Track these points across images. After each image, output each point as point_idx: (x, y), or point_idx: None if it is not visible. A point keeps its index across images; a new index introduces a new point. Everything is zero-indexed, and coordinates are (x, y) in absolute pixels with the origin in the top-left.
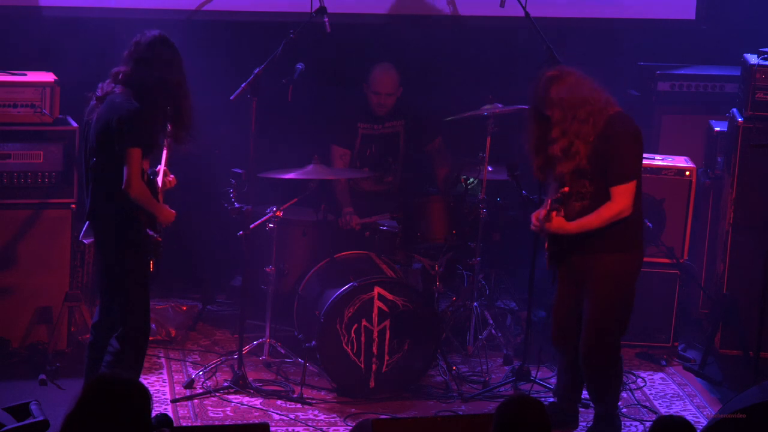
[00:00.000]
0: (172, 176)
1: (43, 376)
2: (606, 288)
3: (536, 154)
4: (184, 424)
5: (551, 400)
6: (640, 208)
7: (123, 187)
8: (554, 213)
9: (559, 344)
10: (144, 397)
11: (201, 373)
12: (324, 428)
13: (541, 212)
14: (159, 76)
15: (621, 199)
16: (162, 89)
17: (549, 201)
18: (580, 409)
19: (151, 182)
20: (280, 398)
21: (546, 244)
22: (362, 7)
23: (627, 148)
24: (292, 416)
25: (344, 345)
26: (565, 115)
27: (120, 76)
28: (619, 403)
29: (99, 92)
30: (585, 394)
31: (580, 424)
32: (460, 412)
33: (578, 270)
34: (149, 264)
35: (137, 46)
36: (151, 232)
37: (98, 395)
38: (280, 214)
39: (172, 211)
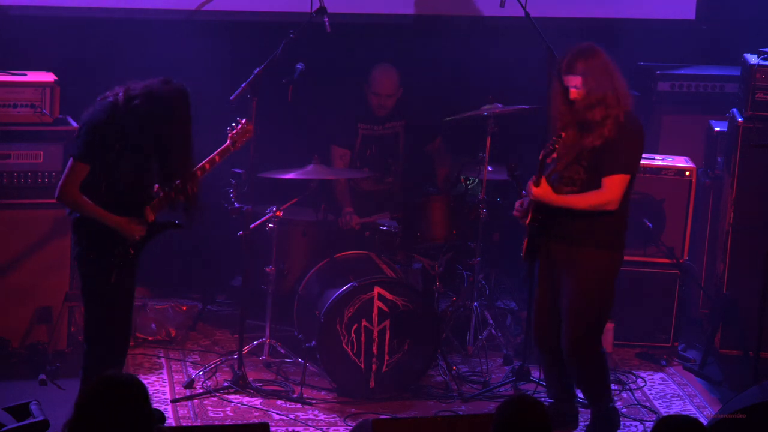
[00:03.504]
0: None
1: (43, 376)
2: (591, 283)
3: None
4: (184, 424)
5: (550, 400)
6: (628, 208)
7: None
8: (549, 158)
9: (543, 344)
10: (140, 394)
11: (201, 373)
12: (324, 428)
13: (529, 185)
14: (156, 125)
15: (612, 189)
16: (153, 136)
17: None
18: (580, 409)
19: (137, 191)
20: (280, 398)
21: (528, 222)
22: (362, 7)
23: (629, 143)
24: (292, 416)
25: (344, 345)
26: (600, 83)
27: (129, 91)
28: (619, 403)
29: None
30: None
31: (580, 423)
32: (460, 412)
33: (558, 262)
34: (111, 275)
35: (161, 83)
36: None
37: (94, 397)
38: (280, 214)
39: (138, 226)
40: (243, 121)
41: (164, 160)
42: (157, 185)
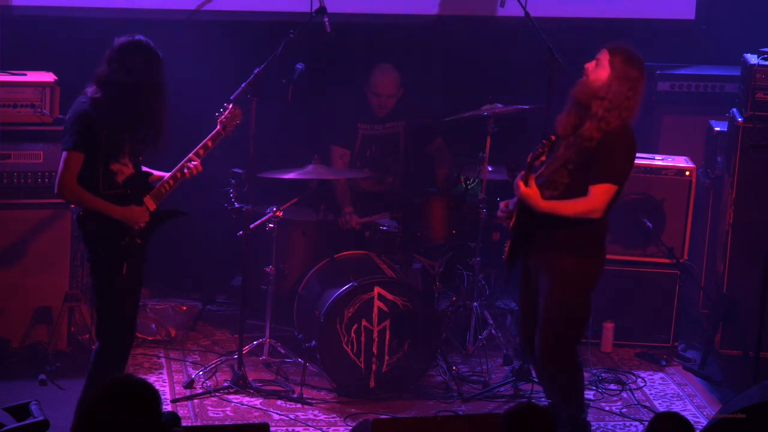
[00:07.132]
0: (194, 162)
1: (43, 376)
2: (561, 290)
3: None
4: (184, 424)
5: (550, 400)
6: (608, 217)
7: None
8: (538, 161)
9: (530, 352)
10: (154, 399)
11: (201, 373)
12: (324, 428)
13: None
14: (127, 80)
15: (598, 198)
16: (129, 93)
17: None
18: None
19: (135, 181)
20: (280, 398)
21: (510, 225)
22: (362, 7)
23: (620, 153)
24: (292, 416)
25: (344, 345)
26: (620, 89)
27: (95, 76)
28: (619, 403)
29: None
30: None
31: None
32: (460, 412)
33: (536, 269)
34: (122, 267)
35: (112, 47)
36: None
37: (108, 399)
38: (280, 214)
39: (140, 214)
40: (230, 105)
41: (150, 115)
42: (152, 176)
